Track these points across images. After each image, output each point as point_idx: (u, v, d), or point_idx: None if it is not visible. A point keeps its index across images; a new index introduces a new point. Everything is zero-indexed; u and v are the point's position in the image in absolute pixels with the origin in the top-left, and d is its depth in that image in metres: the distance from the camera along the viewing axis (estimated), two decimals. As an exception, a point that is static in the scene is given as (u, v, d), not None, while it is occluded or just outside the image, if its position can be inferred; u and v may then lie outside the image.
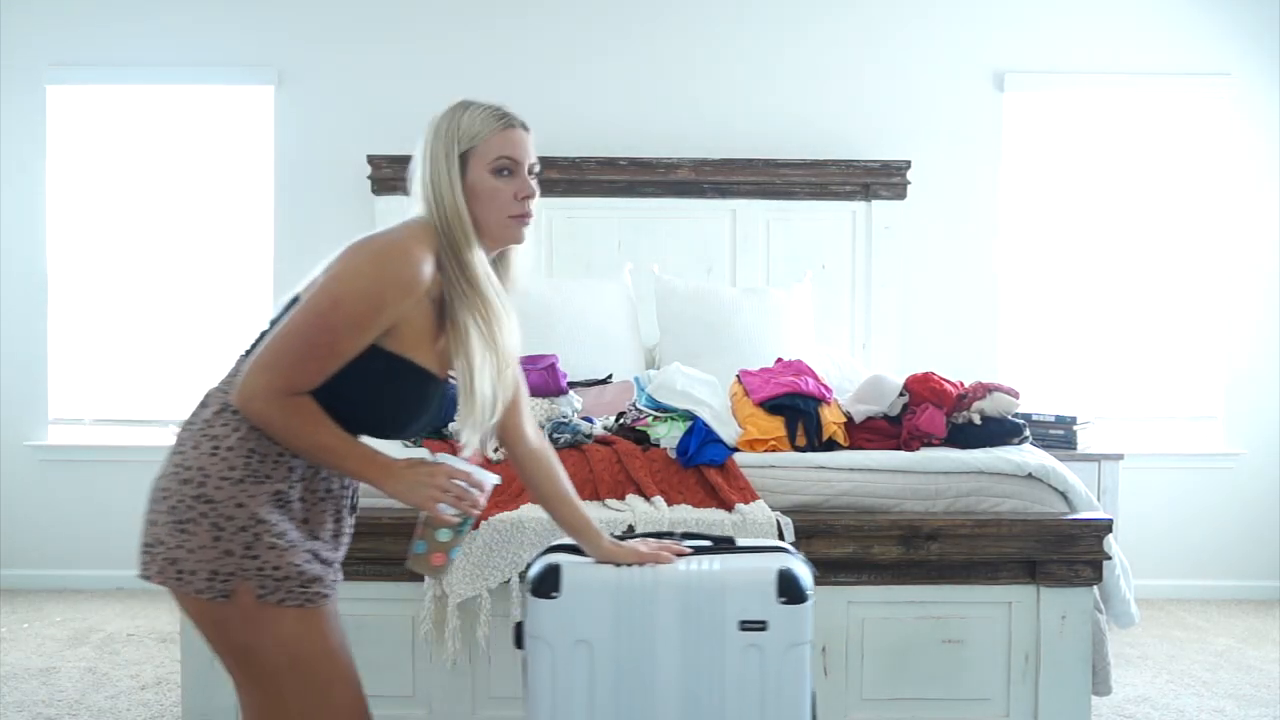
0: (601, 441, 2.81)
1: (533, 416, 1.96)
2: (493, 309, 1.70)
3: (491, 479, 1.72)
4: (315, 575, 1.65)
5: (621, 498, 2.62)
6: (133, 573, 4.81)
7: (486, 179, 1.72)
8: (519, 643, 1.95)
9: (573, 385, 3.16)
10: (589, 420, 2.94)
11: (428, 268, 1.65)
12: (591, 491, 2.61)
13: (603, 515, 2.53)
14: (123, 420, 4.57)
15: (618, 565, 1.90)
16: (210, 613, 1.62)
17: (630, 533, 2.32)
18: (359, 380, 1.65)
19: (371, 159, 4.33)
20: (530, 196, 1.74)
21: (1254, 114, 4.52)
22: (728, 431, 2.84)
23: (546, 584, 1.87)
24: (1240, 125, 4.52)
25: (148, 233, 4.57)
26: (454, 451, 1.76)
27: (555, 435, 2.75)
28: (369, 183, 4.38)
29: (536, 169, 1.78)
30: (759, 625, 1.86)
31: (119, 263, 4.57)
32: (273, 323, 1.71)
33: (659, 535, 2.05)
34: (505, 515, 2.51)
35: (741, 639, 1.87)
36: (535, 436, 1.94)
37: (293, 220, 4.50)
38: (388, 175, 4.33)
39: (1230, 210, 4.53)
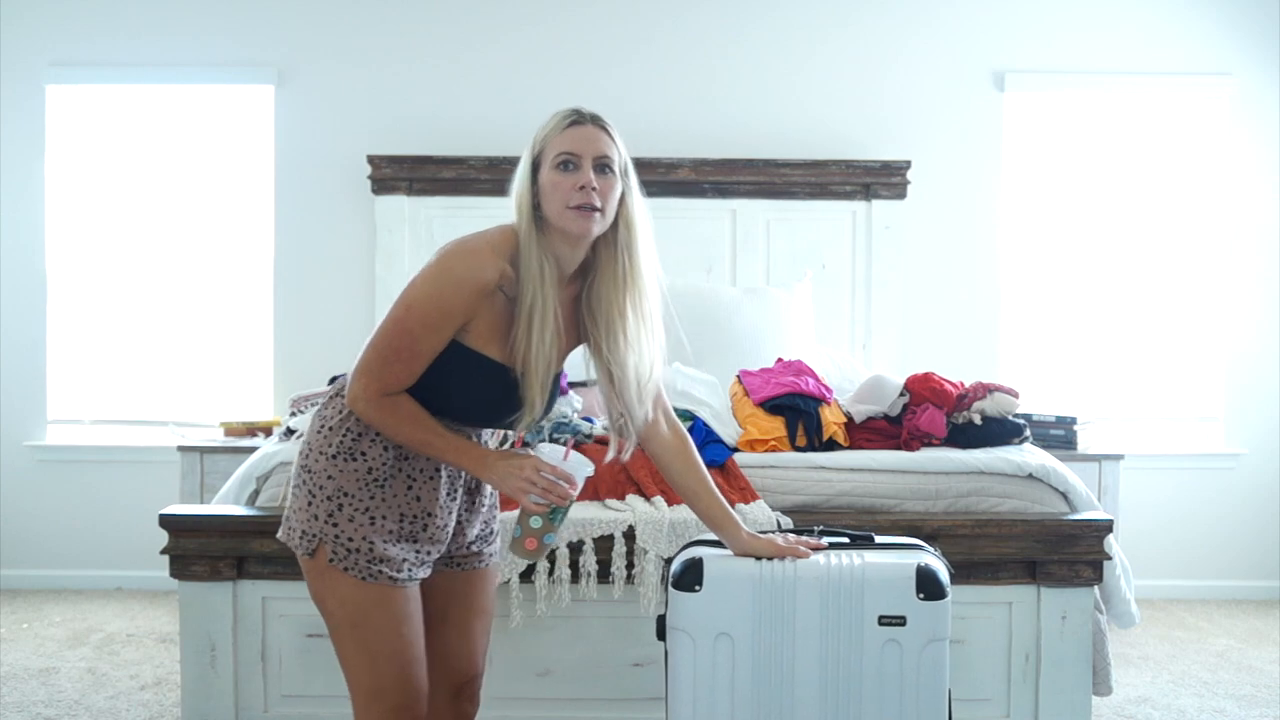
0: (601, 441, 2.80)
1: (671, 411, 2.01)
2: (534, 308, 1.75)
3: (584, 471, 1.81)
4: (386, 555, 1.78)
5: (621, 497, 2.61)
6: (131, 573, 4.80)
7: (551, 175, 1.78)
8: (660, 635, 1.99)
9: (573, 385, 3.15)
10: (589, 420, 2.94)
11: (490, 269, 1.74)
12: (591, 491, 2.60)
13: (603, 515, 2.53)
14: (122, 420, 4.56)
15: (757, 558, 1.93)
16: (304, 564, 1.83)
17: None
18: (441, 374, 1.78)
19: (371, 159, 4.33)
20: (588, 186, 1.76)
21: (1254, 114, 4.51)
22: (728, 431, 2.84)
23: (689, 577, 1.93)
24: (1240, 125, 4.51)
25: (147, 233, 4.56)
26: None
27: (555, 435, 2.75)
28: (369, 183, 4.38)
29: (614, 163, 1.81)
30: (898, 620, 1.89)
31: (118, 263, 4.57)
32: None
33: (798, 531, 2.08)
34: (502, 515, 2.50)
35: (880, 634, 1.90)
36: (670, 430, 1.99)
37: (293, 220, 4.50)
38: (388, 175, 4.33)
39: (1230, 211, 4.53)
